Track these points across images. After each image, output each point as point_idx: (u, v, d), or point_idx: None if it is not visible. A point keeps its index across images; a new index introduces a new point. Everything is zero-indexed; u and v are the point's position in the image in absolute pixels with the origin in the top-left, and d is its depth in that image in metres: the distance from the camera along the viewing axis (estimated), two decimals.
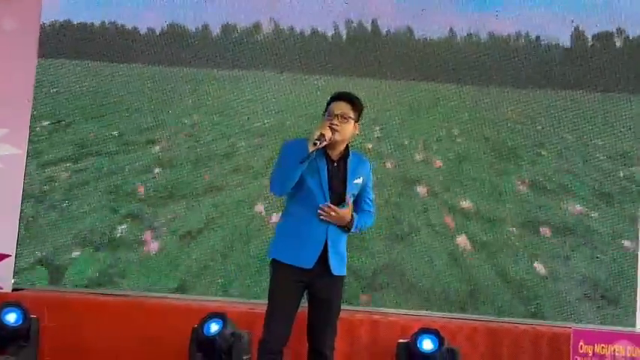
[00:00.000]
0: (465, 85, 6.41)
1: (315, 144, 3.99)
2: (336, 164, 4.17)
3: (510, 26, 6.39)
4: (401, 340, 5.51)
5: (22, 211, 6.13)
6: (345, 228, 4.18)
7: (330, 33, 6.48)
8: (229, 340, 5.33)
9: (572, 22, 6.37)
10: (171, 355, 5.54)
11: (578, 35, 6.42)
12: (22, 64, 6.25)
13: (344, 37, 6.48)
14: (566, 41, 6.40)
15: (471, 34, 6.43)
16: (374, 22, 6.45)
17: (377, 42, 6.44)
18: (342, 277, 4.23)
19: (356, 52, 6.43)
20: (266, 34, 6.46)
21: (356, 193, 4.22)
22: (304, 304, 4.27)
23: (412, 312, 6.02)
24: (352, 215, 4.17)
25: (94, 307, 5.83)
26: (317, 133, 4.01)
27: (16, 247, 6.09)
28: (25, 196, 6.17)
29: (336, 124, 4.09)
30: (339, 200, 4.13)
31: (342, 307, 4.28)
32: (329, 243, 4.11)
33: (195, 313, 5.56)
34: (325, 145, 4.08)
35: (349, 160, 4.19)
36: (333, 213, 4.08)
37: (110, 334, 5.70)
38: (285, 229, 4.19)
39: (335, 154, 4.18)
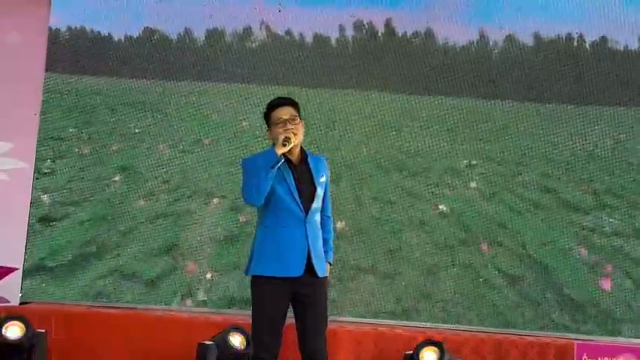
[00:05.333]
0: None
1: (284, 145, 4.04)
2: (299, 168, 4.22)
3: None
4: (407, 352, 5.51)
5: (29, 224, 6.15)
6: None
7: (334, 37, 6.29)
8: (250, 353, 5.34)
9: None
10: None
11: None
12: (29, 77, 6.23)
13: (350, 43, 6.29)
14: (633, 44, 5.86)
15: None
16: (387, 25, 6.17)
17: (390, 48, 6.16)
18: (325, 279, 4.26)
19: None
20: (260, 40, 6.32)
21: (322, 192, 4.27)
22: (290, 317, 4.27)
23: (418, 324, 6.02)
24: (328, 263, 4.30)
25: (101, 320, 5.85)
26: (282, 137, 4.06)
27: (24, 261, 6.10)
28: (32, 210, 6.19)
29: (292, 128, 4.13)
30: (309, 201, 4.17)
31: (347, 319, 4.28)
32: (311, 247, 4.14)
33: (199, 325, 5.66)
34: (285, 152, 4.13)
35: (309, 161, 4.26)
36: None
37: (117, 347, 5.73)
38: (265, 243, 4.18)
39: (295, 158, 4.23)
